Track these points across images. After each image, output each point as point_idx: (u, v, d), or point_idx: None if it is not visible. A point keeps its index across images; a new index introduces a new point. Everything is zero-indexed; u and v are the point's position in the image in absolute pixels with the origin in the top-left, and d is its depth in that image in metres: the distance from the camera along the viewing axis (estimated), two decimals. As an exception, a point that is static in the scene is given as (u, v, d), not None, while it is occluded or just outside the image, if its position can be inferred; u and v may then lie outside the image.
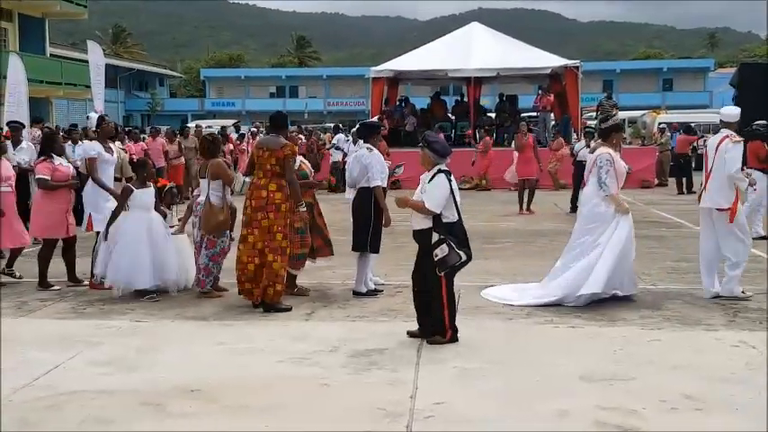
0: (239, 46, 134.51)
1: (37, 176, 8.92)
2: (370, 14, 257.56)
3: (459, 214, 6.43)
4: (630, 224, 8.08)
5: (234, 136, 26.00)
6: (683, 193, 20.35)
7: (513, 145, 21.95)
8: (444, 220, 6.35)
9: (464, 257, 6.33)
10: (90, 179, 9.08)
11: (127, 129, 23.88)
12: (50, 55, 37.73)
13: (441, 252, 6.25)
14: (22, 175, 12.21)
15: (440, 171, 6.43)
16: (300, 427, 4.79)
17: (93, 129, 12.66)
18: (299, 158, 8.48)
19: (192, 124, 33.74)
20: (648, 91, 65.42)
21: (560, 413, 4.89)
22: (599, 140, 8.95)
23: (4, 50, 30.64)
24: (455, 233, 6.35)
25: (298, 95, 71.90)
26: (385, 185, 8.34)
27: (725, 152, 8.11)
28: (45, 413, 5.01)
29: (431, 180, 6.40)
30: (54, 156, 9.02)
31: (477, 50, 25.07)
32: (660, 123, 29.60)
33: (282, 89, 73.42)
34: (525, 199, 16.46)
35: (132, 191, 8.48)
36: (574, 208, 16.51)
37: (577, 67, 24.56)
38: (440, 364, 5.92)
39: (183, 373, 5.75)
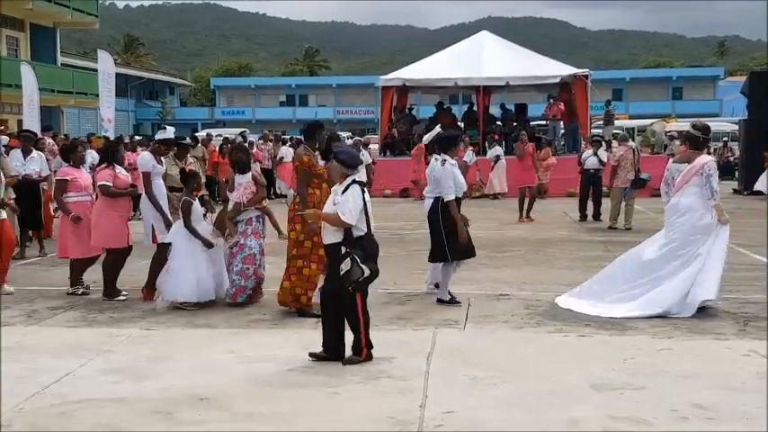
0: (249, 55, 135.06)
1: (99, 183, 8.88)
2: (380, 23, 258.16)
3: (369, 227, 6.23)
4: (728, 233, 8.05)
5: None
6: None
7: (486, 154, 22.14)
8: (354, 233, 6.13)
9: (367, 272, 6.04)
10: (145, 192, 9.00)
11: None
12: (62, 64, 38.00)
13: (345, 266, 6.01)
14: (33, 185, 12.22)
15: (354, 182, 6.24)
16: (310, 435, 4.79)
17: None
18: None
19: (202, 133, 33.88)
20: (658, 99, 65.32)
21: (571, 422, 4.88)
22: (692, 149, 8.45)
23: (15, 60, 30.82)
24: (363, 246, 6.12)
25: (307, 104, 72.18)
26: (460, 196, 8.36)
27: None
28: (56, 420, 5.03)
29: (344, 191, 6.18)
30: (115, 164, 9.01)
31: (486, 59, 25.10)
32: (668, 132, 29.57)
33: (292, 98, 73.69)
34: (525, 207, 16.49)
35: (192, 203, 8.44)
36: (583, 216, 16.53)
37: (587, 76, 24.58)
38: (449, 373, 5.91)
39: (194, 381, 5.76)
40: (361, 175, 8.30)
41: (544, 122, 27.69)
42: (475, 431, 4.81)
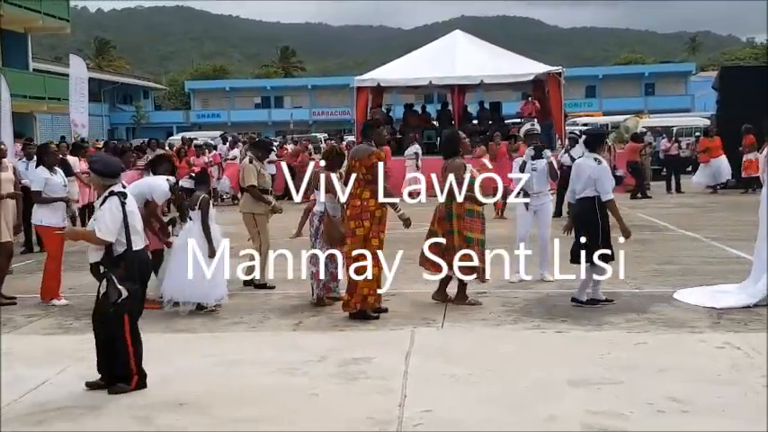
0: (223, 57, 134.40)
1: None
2: (354, 24, 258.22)
3: (129, 243, 5.57)
4: None
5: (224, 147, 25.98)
6: (636, 198, 20.36)
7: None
8: (115, 251, 5.54)
9: (125, 294, 5.49)
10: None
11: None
12: (33, 70, 37.58)
13: (102, 288, 5.54)
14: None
15: (111, 194, 5.62)
16: (290, 437, 4.79)
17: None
18: (469, 167, 8.40)
19: (177, 136, 33.72)
20: (631, 95, 65.77)
21: (549, 418, 4.92)
22: None
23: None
24: (125, 265, 5.55)
25: (283, 106, 71.98)
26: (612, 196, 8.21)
27: None
28: (33, 429, 4.99)
29: (102, 204, 5.61)
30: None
31: (460, 58, 25.16)
32: (640, 128, 29.80)
33: (267, 100, 73.49)
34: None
35: (209, 201, 8.40)
36: (558, 212, 16.58)
37: (560, 74, 24.70)
38: (428, 372, 5.93)
39: (172, 386, 5.74)
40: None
41: (519, 120, 27.81)
42: (454, 429, 4.83)
